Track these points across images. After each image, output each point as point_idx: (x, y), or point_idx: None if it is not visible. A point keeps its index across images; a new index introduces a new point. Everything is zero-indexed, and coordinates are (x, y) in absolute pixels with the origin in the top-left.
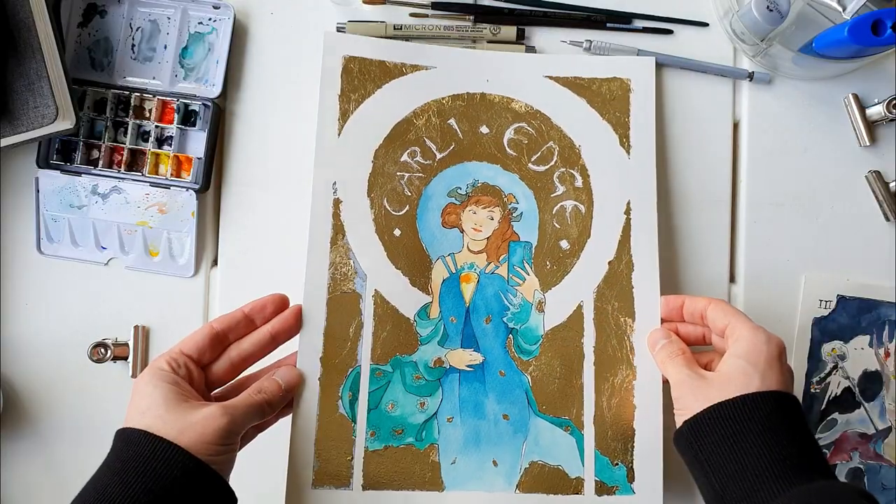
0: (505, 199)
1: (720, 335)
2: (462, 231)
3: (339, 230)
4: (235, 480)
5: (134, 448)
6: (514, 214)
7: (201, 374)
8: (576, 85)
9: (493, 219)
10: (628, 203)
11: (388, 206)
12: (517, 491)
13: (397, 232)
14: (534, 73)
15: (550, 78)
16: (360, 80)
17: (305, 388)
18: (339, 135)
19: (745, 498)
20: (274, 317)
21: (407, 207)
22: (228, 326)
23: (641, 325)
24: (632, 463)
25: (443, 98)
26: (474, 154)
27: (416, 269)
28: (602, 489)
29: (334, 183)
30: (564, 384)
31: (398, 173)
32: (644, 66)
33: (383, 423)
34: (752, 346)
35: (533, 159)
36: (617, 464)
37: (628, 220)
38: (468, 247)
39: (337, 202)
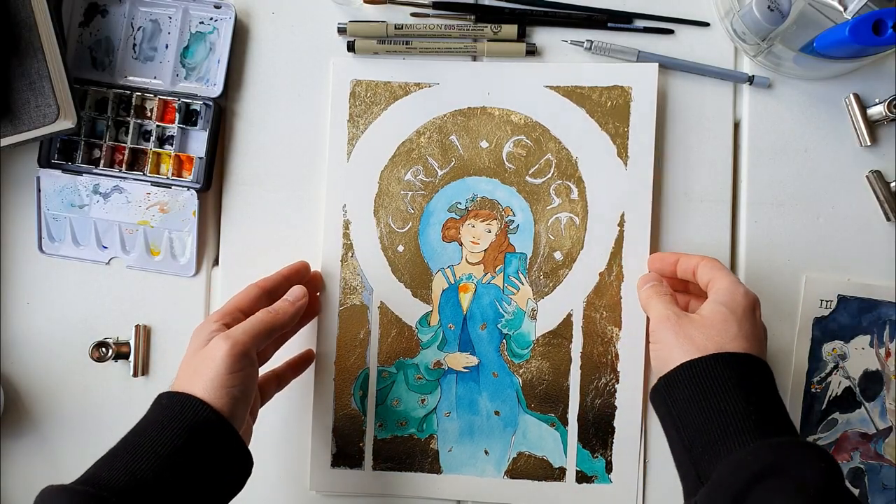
0: (502, 212)
1: (704, 288)
2: (461, 244)
3: (348, 248)
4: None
5: (159, 407)
6: (510, 227)
7: None
8: (576, 94)
9: (490, 231)
10: (622, 215)
11: (392, 224)
12: (505, 477)
13: (401, 248)
14: (534, 83)
15: (551, 88)
16: (367, 103)
17: (322, 387)
18: (348, 159)
19: (709, 450)
20: (303, 280)
21: (410, 224)
22: (272, 285)
23: (627, 333)
24: (611, 456)
25: (445, 114)
26: (474, 169)
27: (417, 282)
28: (582, 478)
29: (344, 205)
30: (552, 385)
31: (402, 192)
32: (646, 73)
33: (389, 417)
34: (731, 297)
35: (530, 172)
36: (597, 456)
37: (621, 233)
38: (466, 259)
39: (347, 223)
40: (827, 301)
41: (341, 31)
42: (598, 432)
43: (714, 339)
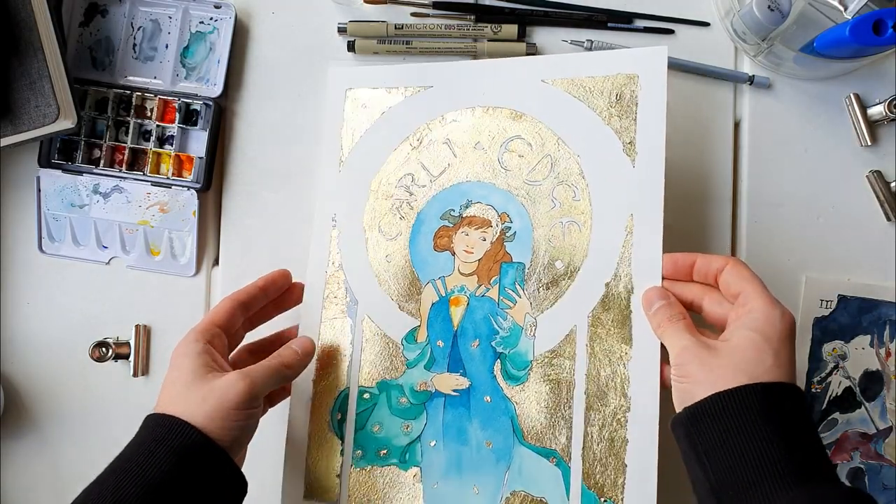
0: (498, 219)
1: (731, 301)
2: (453, 254)
3: (335, 259)
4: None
5: (146, 430)
6: (507, 234)
7: (230, 341)
8: (575, 87)
9: (485, 240)
10: (630, 217)
11: (381, 233)
12: None
13: (389, 258)
14: (530, 78)
15: (548, 82)
16: (361, 111)
17: (298, 408)
18: (340, 169)
19: (741, 495)
20: (281, 290)
21: (400, 233)
22: (248, 298)
23: (639, 352)
24: (622, 500)
25: (438, 118)
26: (468, 173)
27: (405, 294)
28: None
29: (334, 216)
30: (553, 413)
31: (393, 200)
32: (654, 58)
33: (369, 444)
34: (767, 321)
35: (528, 174)
36: (605, 500)
37: (629, 237)
38: (459, 269)
39: (335, 234)
40: (827, 301)
41: (341, 30)
42: (606, 470)
43: (745, 369)
